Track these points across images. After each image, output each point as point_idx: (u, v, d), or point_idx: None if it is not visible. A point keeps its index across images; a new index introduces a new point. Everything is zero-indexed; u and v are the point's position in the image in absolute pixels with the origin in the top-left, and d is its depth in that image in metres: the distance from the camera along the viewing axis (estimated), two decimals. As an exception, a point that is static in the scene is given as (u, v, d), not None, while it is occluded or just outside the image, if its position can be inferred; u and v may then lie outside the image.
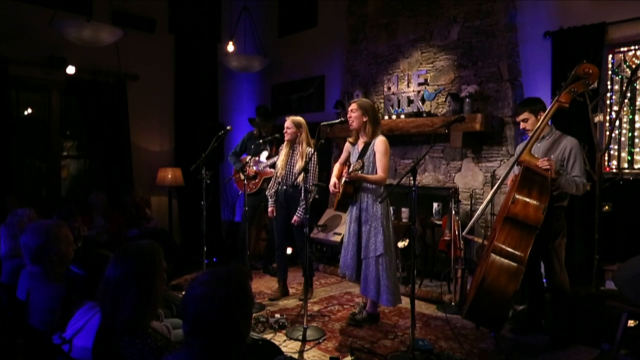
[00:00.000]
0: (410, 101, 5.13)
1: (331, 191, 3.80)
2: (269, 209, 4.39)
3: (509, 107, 4.47)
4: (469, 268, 4.16)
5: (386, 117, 5.10)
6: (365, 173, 3.54)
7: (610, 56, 4.13)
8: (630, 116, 4.09)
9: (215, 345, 1.36)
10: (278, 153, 4.59)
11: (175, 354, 1.44)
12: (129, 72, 5.86)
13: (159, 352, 1.58)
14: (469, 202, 4.57)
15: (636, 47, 4.00)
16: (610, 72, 4.13)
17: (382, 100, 5.43)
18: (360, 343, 3.41)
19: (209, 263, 4.58)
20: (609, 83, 4.12)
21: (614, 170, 4.12)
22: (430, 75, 5.07)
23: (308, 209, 3.61)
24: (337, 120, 3.89)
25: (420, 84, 5.10)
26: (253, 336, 3.08)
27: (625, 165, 4.12)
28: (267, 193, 4.42)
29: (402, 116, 4.98)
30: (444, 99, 4.91)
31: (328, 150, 5.92)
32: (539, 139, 3.25)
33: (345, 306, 4.29)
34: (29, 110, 5.66)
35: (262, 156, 5.14)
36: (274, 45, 6.90)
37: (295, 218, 4.15)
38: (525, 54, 4.54)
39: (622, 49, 4.07)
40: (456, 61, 4.87)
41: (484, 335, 3.56)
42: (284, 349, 3.25)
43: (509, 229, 2.99)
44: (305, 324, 3.49)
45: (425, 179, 5.10)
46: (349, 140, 3.82)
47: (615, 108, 4.02)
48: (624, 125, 4.12)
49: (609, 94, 4.10)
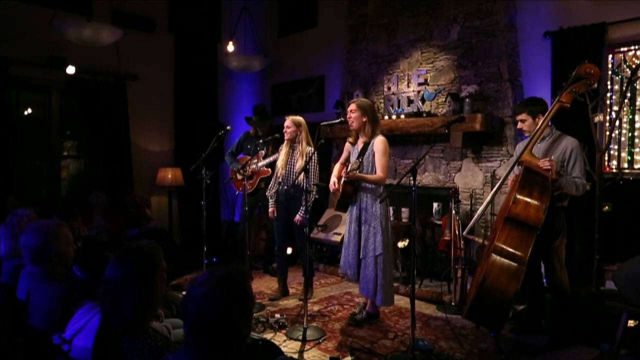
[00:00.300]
0: (410, 101, 5.13)
1: (331, 190, 3.81)
2: (270, 210, 4.37)
3: (509, 107, 4.47)
4: (469, 268, 4.16)
5: (386, 117, 5.10)
6: (364, 173, 3.55)
7: (610, 56, 4.12)
8: (630, 116, 4.09)
9: (215, 346, 1.36)
10: (276, 152, 4.59)
11: (175, 354, 1.44)
12: (129, 72, 5.86)
13: (159, 352, 1.58)
14: (469, 202, 4.57)
15: (636, 47, 4.00)
16: (610, 72, 4.13)
17: (382, 100, 5.43)
18: (360, 343, 3.41)
19: (209, 263, 4.58)
20: (609, 83, 4.12)
21: (614, 170, 4.12)
22: (430, 75, 5.07)
23: (308, 209, 3.61)
24: (337, 120, 3.90)
25: (420, 84, 5.09)
26: (253, 336, 3.07)
27: (625, 165, 4.11)
28: (268, 193, 4.41)
29: (402, 116, 4.98)
30: (444, 99, 4.91)
31: (328, 150, 5.92)
32: (540, 139, 3.25)
33: (345, 306, 4.29)
34: (29, 110, 5.66)
35: (260, 156, 5.14)
36: (274, 45, 6.90)
37: (298, 217, 4.14)
38: (525, 54, 4.53)
39: (622, 49, 4.07)
40: (456, 61, 4.87)
41: (484, 335, 3.56)
42: (284, 349, 3.25)
43: (509, 229, 2.99)
44: (305, 324, 3.49)
45: (425, 179, 5.10)
46: (349, 140, 3.83)
47: (615, 108, 4.02)
48: (624, 125, 4.11)
49: (609, 94, 4.10)
